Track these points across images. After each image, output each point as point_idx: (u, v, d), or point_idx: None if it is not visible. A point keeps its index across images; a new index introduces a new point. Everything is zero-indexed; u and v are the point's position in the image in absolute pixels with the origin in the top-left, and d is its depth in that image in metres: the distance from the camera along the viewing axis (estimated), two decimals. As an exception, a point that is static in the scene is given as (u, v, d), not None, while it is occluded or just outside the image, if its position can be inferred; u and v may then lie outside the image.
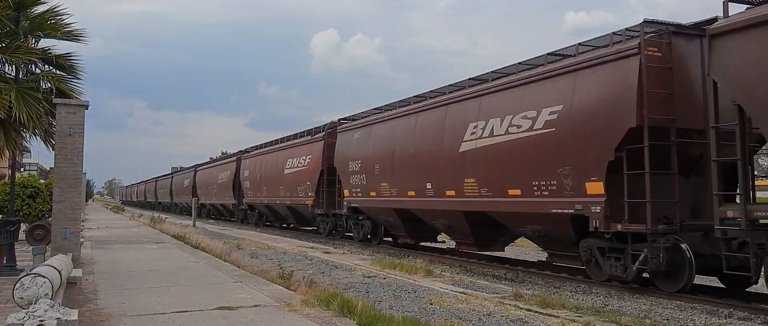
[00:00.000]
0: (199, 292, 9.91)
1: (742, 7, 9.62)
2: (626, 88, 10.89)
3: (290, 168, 28.21)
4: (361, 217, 21.90)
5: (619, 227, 11.03)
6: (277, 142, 32.41)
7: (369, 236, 21.74)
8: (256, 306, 8.71)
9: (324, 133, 25.03)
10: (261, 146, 35.55)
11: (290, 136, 30.37)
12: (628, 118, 10.77)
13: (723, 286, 11.66)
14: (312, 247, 20.20)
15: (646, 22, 11.16)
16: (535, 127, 12.63)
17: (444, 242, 20.08)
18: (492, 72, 15.18)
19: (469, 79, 15.98)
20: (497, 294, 10.72)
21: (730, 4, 9.63)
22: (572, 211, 11.83)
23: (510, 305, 9.44)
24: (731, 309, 9.72)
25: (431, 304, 9.48)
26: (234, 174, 38.43)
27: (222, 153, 68.98)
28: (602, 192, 11.22)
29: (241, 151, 40.13)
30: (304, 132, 28.37)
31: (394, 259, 15.89)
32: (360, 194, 20.76)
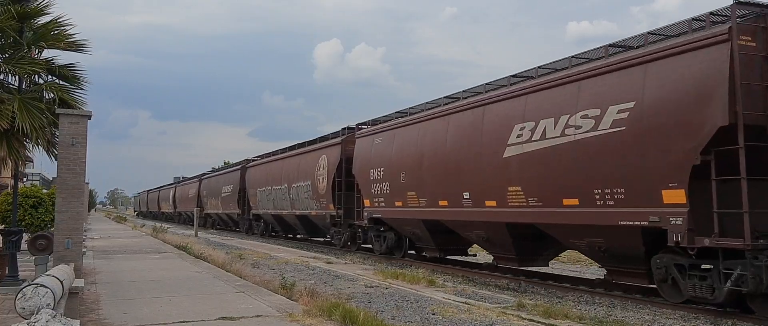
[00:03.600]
0: (201, 303, 9.89)
1: None
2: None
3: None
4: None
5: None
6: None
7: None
8: (258, 316, 8.69)
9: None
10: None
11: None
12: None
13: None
14: (314, 257, 20.18)
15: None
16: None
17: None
18: (539, 67, 13.63)
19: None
20: (500, 304, 10.69)
21: None
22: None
23: (513, 315, 9.42)
24: (734, 320, 9.68)
25: (434, 314, 9.45)
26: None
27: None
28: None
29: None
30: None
31: (396, 269, 15.86)
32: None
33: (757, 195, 9.18)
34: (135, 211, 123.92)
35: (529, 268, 15.27)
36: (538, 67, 13.66)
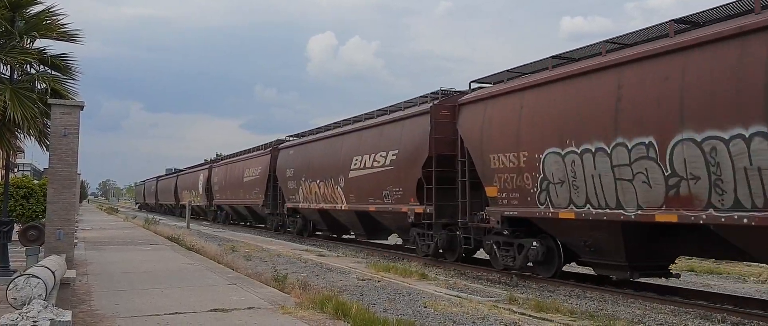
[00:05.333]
0: (193, 294, 9.89)
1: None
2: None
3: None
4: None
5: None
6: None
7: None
8: (250, 308, 8.69)
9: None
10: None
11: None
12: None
13: None
14: (306, 250, 20.18)
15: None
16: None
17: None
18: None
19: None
20: (491, 297, 10.74)
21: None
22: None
23: (504, 309, 9.46)
24: (724, 314, 9.75)
25: (426, 307, 9.49)
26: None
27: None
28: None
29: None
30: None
31: (388, 262, 15.90)
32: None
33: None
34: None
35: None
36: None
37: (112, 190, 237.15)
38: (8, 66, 11.69)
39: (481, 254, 16.41)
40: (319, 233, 26.96)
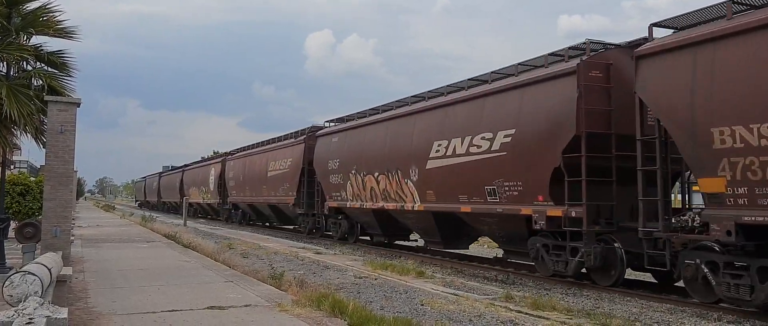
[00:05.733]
0: (190, 292, 9.88)
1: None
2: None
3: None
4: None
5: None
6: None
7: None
8: (246, 306, 8.69)
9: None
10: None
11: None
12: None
13: None
14: (303, 248, 20.17)
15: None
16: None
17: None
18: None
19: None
20: (488, 295, 10.74)
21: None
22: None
23: (501, 306, 9.46)
24: (720, 313, 9.78)
25: (422, 305, 9.49)
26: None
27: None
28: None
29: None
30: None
31: (385, 260, 15.88)
32: None
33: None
34: (136, 201, 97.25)
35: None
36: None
37: (109, 188, 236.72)
38: (5, 62, 11.67)
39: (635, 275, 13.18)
40: (367, 238, 22.35)
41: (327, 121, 24.94)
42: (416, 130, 17.09)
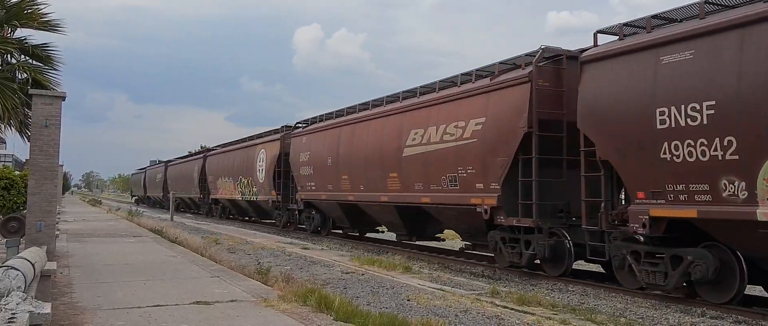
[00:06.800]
0: (176, 287, 9.85)
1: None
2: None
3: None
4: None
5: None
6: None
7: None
8: (232, 301, 8.67)
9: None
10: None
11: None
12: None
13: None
14: (290, 243, 20.14)
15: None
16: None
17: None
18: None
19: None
20: (474, 291, 10.78)
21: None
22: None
23: (487, 302, 9.50)
24: (704, 309, 9.86)
25: (409, 301, 9.51)
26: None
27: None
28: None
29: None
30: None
31: (373, 256, 15.90)
32: None
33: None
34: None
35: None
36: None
37: (95, 182, 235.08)
38: (-12, 55, 11.56)
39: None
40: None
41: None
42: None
